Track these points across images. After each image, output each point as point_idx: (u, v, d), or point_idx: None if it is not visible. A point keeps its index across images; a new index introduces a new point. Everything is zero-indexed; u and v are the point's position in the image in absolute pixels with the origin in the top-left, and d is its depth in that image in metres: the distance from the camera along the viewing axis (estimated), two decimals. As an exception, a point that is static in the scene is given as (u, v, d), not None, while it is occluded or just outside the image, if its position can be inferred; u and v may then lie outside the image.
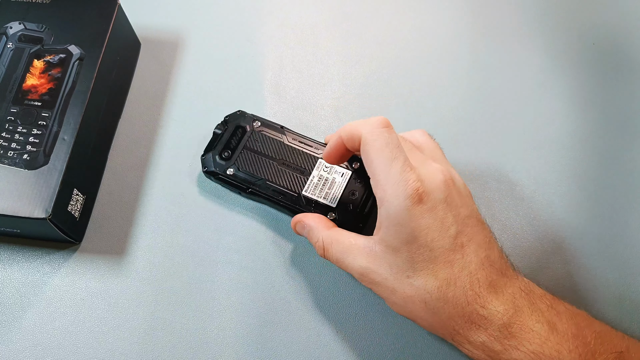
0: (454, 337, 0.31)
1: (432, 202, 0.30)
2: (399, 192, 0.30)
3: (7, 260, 0.39)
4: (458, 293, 0.30)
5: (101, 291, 0.38)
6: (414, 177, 0.30)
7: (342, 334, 0.37)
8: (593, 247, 0.40)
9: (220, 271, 0.39)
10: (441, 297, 0.30)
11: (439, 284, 0.30)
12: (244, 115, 0.42)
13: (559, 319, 0.30)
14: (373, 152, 0.31)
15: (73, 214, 0.38)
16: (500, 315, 0.30)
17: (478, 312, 0.30)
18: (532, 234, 0.40)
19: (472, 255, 0.31)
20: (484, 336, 0.30)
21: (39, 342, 0.36)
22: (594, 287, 0.39)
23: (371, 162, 0.32)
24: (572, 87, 0.46)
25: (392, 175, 0.30)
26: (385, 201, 0.31)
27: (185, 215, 0.40)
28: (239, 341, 0.36)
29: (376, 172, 0.31)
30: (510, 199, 0.42)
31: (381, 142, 0.31)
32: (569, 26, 0.50)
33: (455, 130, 0.45)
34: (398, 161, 0.31)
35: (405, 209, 0.30)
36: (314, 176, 0.38)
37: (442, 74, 0.47)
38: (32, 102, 0.38)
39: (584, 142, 0.44)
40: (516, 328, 0.29)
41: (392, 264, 0.31)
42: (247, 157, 0.40)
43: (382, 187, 0.31)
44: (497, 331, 0.29)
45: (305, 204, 0.38)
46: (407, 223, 0.30)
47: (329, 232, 0.34)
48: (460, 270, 0.30)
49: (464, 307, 0.30)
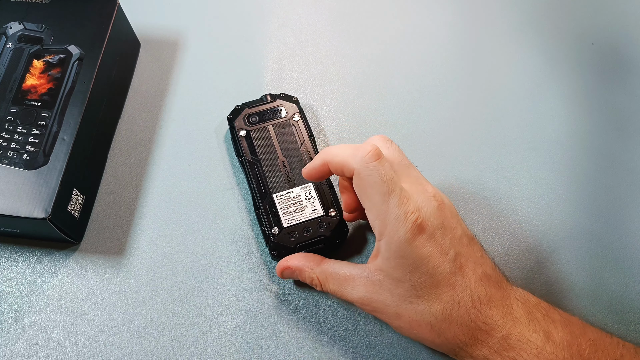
0: (458, 353, 0.32)
1: (430, 230, 0.31)
2: (399, 227, 0.30)
3: (7, 260, 0.39)
4: (462, 312, 0.30)
5: (101, 291, 0.38)
6: (412, 209, 0.30)
7: (342, 334, 0.37)
8: (592, 247, 0.40)
9: (220, 271, 0.39)
10: (446, 319, 0.31)
11: (443, 307, 0.31)
12: (297, 102, 0.43)
13: (554, 328, 0.31)
14: (369, 187, 0.31)
15: (73, 214, 0.38)
16: (499, 328, 0.30)
17: (481, 328, 0.30)
18: (531, 234, 0.40)
19: (470, 274, 0.31)
20: (485, 350, 0.30)
21: (39, 342, 0.36)
22: (593, 287, 0.39)
23: (367, 197, 0.31)
24: (571, 87, 0.46)
25: (391, 210, 0.30)
26: (386, 235, 0.31)
27: (185, 215, 0.40)
28: (238, 341, 0.36)
29: (373, 207, 0.31)
30: (509, 199, 0.42)
31: (376, 177, 0.31)
32: (568, 26, 0.50)
33: (454, 130, 0.45)
34: (395, 195, 0.30)
35: (407, 242, 0.30)
36: (294, 192, 0.39)
37: (441, 74, 0.47)
38: (31, 102, 0.38)
39: (583, 142, 0.44)
40: (514, 339, 0.30)
41: (393, 292, 0.31)
42: (263, 135, 0.41)
43: (380, 221, 0.31)
44: (497, 344, 0.30)
45: (268, 205, 0.38)
46: (409, 255, 0.30)
47: (321, 268, 0.35)
48: (461, 290, 0.31)
49: (467, 324, 0.30)
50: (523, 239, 0.40)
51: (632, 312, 0.38)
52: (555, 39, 0.49)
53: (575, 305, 0.38)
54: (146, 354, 0.36)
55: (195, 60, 0.47)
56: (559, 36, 0.49)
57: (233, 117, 0.42)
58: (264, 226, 0.38)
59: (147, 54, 0.47)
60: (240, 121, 0.41)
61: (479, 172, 0.43)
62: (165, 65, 0.47)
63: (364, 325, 0.37)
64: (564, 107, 0.46)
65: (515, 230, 0.40)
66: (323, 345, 0.36)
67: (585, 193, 0.42)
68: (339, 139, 0.44)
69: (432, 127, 0.45)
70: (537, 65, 0.48)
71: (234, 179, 0.42)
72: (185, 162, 0.43)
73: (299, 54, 0.48)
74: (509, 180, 0.42)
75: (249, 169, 0.40)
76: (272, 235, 0.37)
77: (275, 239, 0.37)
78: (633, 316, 0.38)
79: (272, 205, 0.38)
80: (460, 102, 0.46)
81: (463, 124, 0.45)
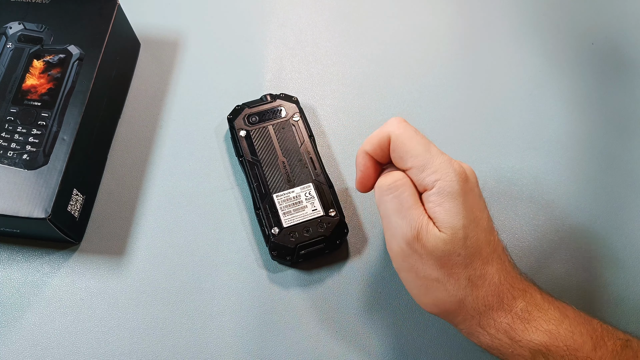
0: (482, 321, 0.31)
1: (472, 185, 0.32)
2: (449, 170, 0.31)
3: (7, 260, 0.39)
4: (494, 271, 0.31)
5: (101, 291, 0.38)
6: (456, 163, 0.32)
7: (341, 333, 0.37)
8: (592, 247, 0.40)
9: (220, 271, 0.39)
10: (481, 275, 0.31)
11: (482, 262, 0.31)
12: (297, 102, 0.43)
13: (567, 309, 0.32)
14: (408, 141, 0.32)
15: (73, 214, 0.38)
16: (522, 297, 0.31)
17: (507, 291, 0.31)
18: (531, 234, 0.40)
19: (497, 239, 0.32)
20: (509, 317, 0.31)
21: (39, 342, 0.36)
22: (593, 287, 0.39)
23: (408, 151, 0.32)
24: (571, 87, 0.46)
25: (436, 157, 0.31)
26: (438, 183, 0.31)
27: (185, 215, 0.40)
28: (238, 341, 0.36)
29: (418, 158, 0.32)
30: (509, 199, 0.42)
31: (411, 131, 0.32)
32: (568, 26, 0.50)
33: (454, 130, 0.45)
34: (433, 145, 0.32)
35: (458, 191, 0.31)
36: (294, 192, 0.39)
37: (441, 75, 0.47)
38: (31, 102, 0.38)
39: (583, 142, 0.44)
40: (535, 310, 0.31)
41: (447, 240, 0.31)
42: (263, 135, 0.41)
43: (431, 169, 0.31)
44: (520, 312, 0.31)
45: (268, 205, 0.38)
46: (460, 204, 0.31)
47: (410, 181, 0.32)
48: (493, 250, 0.31)
49: (497, 286, 0.31)
50: (523, 239, 0.40)
51: (632, 312, 0.38)
52: (555, 39, 0.49)
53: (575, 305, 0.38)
54: (146, 354, 0.36)
55: (195, 60, 0.47)
56: (559, 36, 0.49)
57: (233, 117, 0.42)
58: (264, 226, 0.38)
59: (147, 54, 0.47)
60: (240, 121, 0.41)
61: (479, 172, 0.42)
62: (165, 65, 0.47)
63: (364, 325, 0.37)
64: (564, 107, 0.46)
65: (515, 230, 0.40)
66: (323, 346, 0.36)
67: (585, 193, 0.42)
68: (339, 139, 0.44)
69: (431, 127, 0.45)
70: (537, 65, 0.48)
71: (234, 179, 0.42)
72: (185, 162, 0.42)
73: (299, 54, 0.48)
74: (509, 180, 0.42)
75: (249, 169, 0.40)
76: (272, 235, 0.37)
77: (275, 239, 0.37)
78: (633, 316, 0.38)
79: (272, 205, 0.38)
80: (460, 102, 0.46)
81: (463, 124, 0.45)
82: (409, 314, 0.37)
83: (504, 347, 0.31)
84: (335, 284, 0.38)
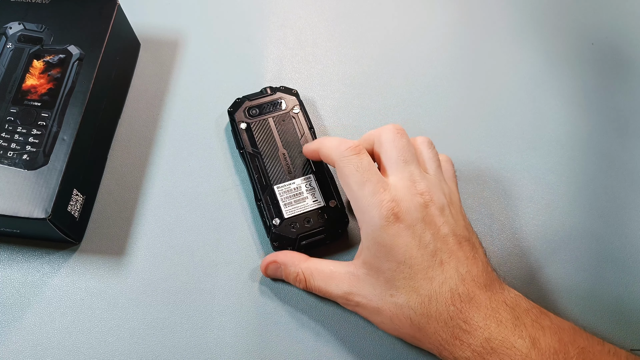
0: (442, 352, 0.31)
1: (408, 221, 0.31)
2: (374, 213, 0.31)
3: (7, 260, 0.39)
4: (441, 308, 0.30)
5: (101, 291, 0.38)
6: (388, 198, 0.31)
7: (341, 334, 0.37)
8: (592, 247, 0.40)
9: (220, 271, 0.39)
10: (425, 313, 0.31)
11: (421, 300, 0.31)
12: (297, 95, 0.43)
13: (542, 334, 0.30)
14: (346, 178, 0.33)
15: (73, 214, 0.38)
16: (481, 330, 0.30)
17: (461, 327, 0.30)
18: (531, 234, 0.40)
19: (452, 271, 0.31)
20: (468, 352, 0.30)
21: (39, 342, 0.36)
22: (593, 287, 0.39)
23: (347, 188, 0.34)
24: (571, 87, 0.47)
25: (365, 197, 0.32)
26: (364, 222, 0.32)
27: (185, 215, 0.40)
28: (238, 341, 0.36)
29: (352, 196, 0.33)
30: (509, 199, 0.42)
31: (351, 167, 0.33)
32: (567, 26, 0.50)
33: (454, 130, 0.45)
34: (370, 184, 0.32)
35: (381, 228, 0.31)
36: (295, 183, 0.39)
37: (441, 74, 0.47)
38: (31, 102, 0.38)
39: (583, 142, 0.44)
40: (497, 343, 0.29)
41: (374, 285, 0.32)
42: (264, 127, 0.41)
43: (360, 210, 0.32)
44: (480, 346, 0.30)
45: (269, 196, 0.38)
46: (385, 242, 0.31)
47: (307, 264, 0.35)
48: (440, 285, 0.31)
49: (447, 322, 0.30)
50: (523, 239, 0.40)
51: (632, 312, 0.38)
52: (555, 39, 0.49)
53: (574, 305, 0.38)
54: (146, 354, 0.36)
55: (196, 60, 0.47)
56: (559, 36, 0.49)
57: (233, 110, 0.42)
58: (265, 218, 0.38)
59: (147, 54, 0.47)
60: (240, 114, 0.42)
61: (479, 171, 0.43)
62: (165, 65, 0.47)
63: (363, 325, 0.37)
64: (564, 107, 0.46)
65: (515, 230, 0.40)
66: (323, 346, 0.36)
67: (585, 193, 0.42)
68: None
69: (431, 127, 0.45)
70: (537, 65, 0.48)
71: (234, 179, 0.42)
72: (185, 162, 0.43)
73: (299, 54, 0.48)
74: (509, 180, 0.42)
75: (250, 161, 0.40)
76: (274, 226, 0.37)
77: (276, 230, 0.37)
78: (633, 316, 0.38)
79: (273, 196, 0.38)
80: (460, 102, 0.46)
81: (463, 124, 0.45)
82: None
83: None
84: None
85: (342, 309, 0.37)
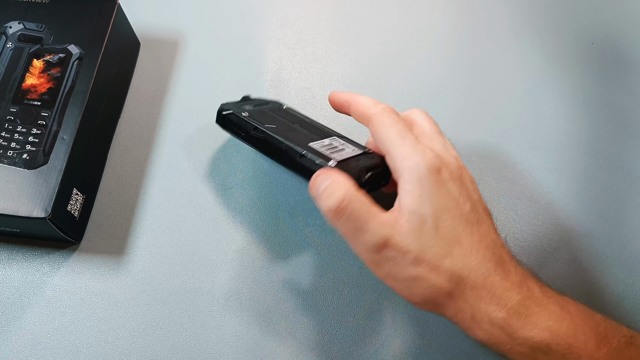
0: (475, 314, 0.30)
1: (450, 175, 0.31)
2: (419, 159, 0.30)
3: (7, 260, 0.39)
4: (480, 261, 0.30)
5: (101, 291, 0.38)
6: (430, 149, 0.31)
7: (341, 333, 0.37)
8: (592, 247, 0.40)
9: (220, 271, 0.39)
10: (466, 266, 0.30)
11: (463, 252, 0.30)
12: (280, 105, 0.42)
13: (567, 303, 0.30)
14: (384, 127, 0.32)
15: (72, 214, 0.37)
16: (517, 290, 0.29)
17: (499, 283, 0.29)
18: (531, 234, 0.40)
19: (486, 233, 0.31)
20: (504, 312, 0.29)
21: (39, 342, 0.36)
22: (593, 287, 0.39)
23: (384, 135, 0.32)
24: (571, 86, 0.47)
25: (410, 145, 0.31)
26: (407, 168, 0.31)
27: (185, 215, 0.40)
28: (238, 341, 0.36)
29: (393, 144, 0.32)
30: (510, 198, 0.42)
31: (392, 118, 0.33)
32: (567, 26, 0.50)
33: (454, 129, 0.45)
34: (411, 135, 0.32)
35: (428, 172, 0.30)
36: (326, 141, 0.36)
37: (440, 74, 0.47)
38: (31, 102, 0.38)
39: (583, 142, 0.44)
40: (533, 305, 0.29)
41: (418, 233, 0.30)
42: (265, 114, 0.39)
43: (402, 157, 0.31)
44: (516, 306, 0.29)
45: (309, 150, 0.34)
46: (431, 186, 0.30)
47: (356, 192, 0.31)
48: (478, 242, 0.30)
49: (485, 277, 0.29)
50: (523, 239, 0.40)
51: (632, 312, 0.38)
52: (554, 38, 0.49)
53: (575, 305, 0.38)
54: (146, 354, 0.36)
55: (195, 60, 0.47)
56: (559, 36, 0.49)
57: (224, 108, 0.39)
58: (316, 165, 0.33)
59: (147, 54, 0.47)
60: (237, 108, 0.39)
61: (479, 171, 0.43)
62: (165, 65, 0.47)
63: (364, 324, 0.37)
64: (564, 107, 0.46)
65: (515, 230, 0.40)
66: (323, 346, 0.36)
67: (585, 193, 0.42)
68: (339, 139, 0.44)
69: (432, 127, 0.45)
70: (537, 65, 0.48)
71: (234, 178, 0.42)
72: (185, 162, 0.42)
73: (299, 54, 0.48)
74: (509, 180, 0.42)
75: (272, 133, 0.36)
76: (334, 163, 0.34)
77: (338, 166, 0.33)
78: (633, 317, 0.38)
79: (313, 150, 0.35)
80: (460, 102, 0.46)
81: (463, 124, 0.45)
82: (406, 314, 0.37)
83: (501, 343, 0.29)
84: (336, 283, 0.38)
85: (342, 309, 0.37)
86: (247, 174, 0.42)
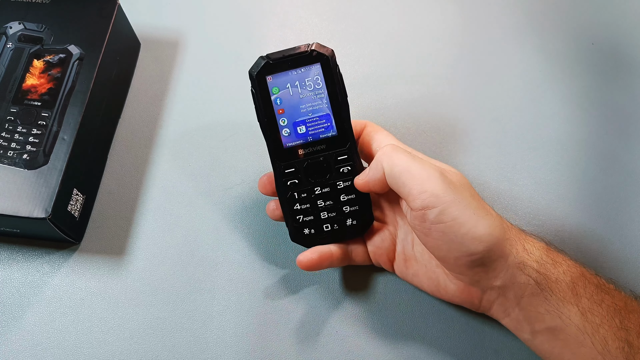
0: (514, 277, 0.32)
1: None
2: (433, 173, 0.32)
3: (7, 260, 0.39)
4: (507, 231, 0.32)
5: (101, 291, 0.38)
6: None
7: (341, 333, 0.37)
8: (593, 247, 0.40)
9: (220, 271, 0.39)
10: (507, 227, 0.33)
11: (496, 223, 0.32)
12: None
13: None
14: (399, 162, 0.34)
15: (73, 214, 0.38)
16: (534, 255, 0.32)
17: (528, 239, 0.33)
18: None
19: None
20: (537, 252, 0.32)
21: (39, 342, 0.36)
22: (593, 287, 0.39)
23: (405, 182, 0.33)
24: (571, 87, 0.46)
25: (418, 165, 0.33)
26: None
27: (185, 215, 0.40)
28: (238, 341, 0.36)
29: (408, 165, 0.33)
30: (510, 199, 0.42)
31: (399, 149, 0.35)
32: (568, 26, 0.50)
33: (454, 130, 0.45)
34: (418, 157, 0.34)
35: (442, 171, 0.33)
36: None
37: (441, 74, 0.47)
38: (31, 102, 0.38)
39: (583, 142, 0.44)
40: (553, 253, 0.33)
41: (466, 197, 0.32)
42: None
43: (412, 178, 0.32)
44: (544, 252, 0.32)
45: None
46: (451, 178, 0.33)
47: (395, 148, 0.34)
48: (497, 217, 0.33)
49: (513, 244, 0.32)
50: (523, 239, 0.40)
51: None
52: (555, 39, 0.49)
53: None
54: (146, 354, 0.36)
55: (195, 60, 0.47)
56: (559, 36, 0.49)
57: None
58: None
59: (147, 54, 0.47)
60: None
61: (479, 171, 0.43)
62: (166, 65, 0.47)
63: (364, 324, 0.37)
64: (564, 107, 0.46)
65: (515, 230, 0.40)
66: (323, 345, 0.36)
67: (585, 193, 0.42)
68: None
69: (431, 127, 0.45)
70: (537, 65, 0.48)
71: (234, 178, 0.42)
72: (185, 162, 0.43)
73: (299, 54, 0.48)
74: (509, 180, 0.42)
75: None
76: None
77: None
78: (633, 316, 0.38)
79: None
80: (460, 102, 0.46)
81: (463, 124, 0.45)
82: (406, 313, 0.38)
83: (549, 277, 0.31)
84: (336, 283, 0.38)
85: (342, 309, 0.37)
86: (247, 174, 0.42)
